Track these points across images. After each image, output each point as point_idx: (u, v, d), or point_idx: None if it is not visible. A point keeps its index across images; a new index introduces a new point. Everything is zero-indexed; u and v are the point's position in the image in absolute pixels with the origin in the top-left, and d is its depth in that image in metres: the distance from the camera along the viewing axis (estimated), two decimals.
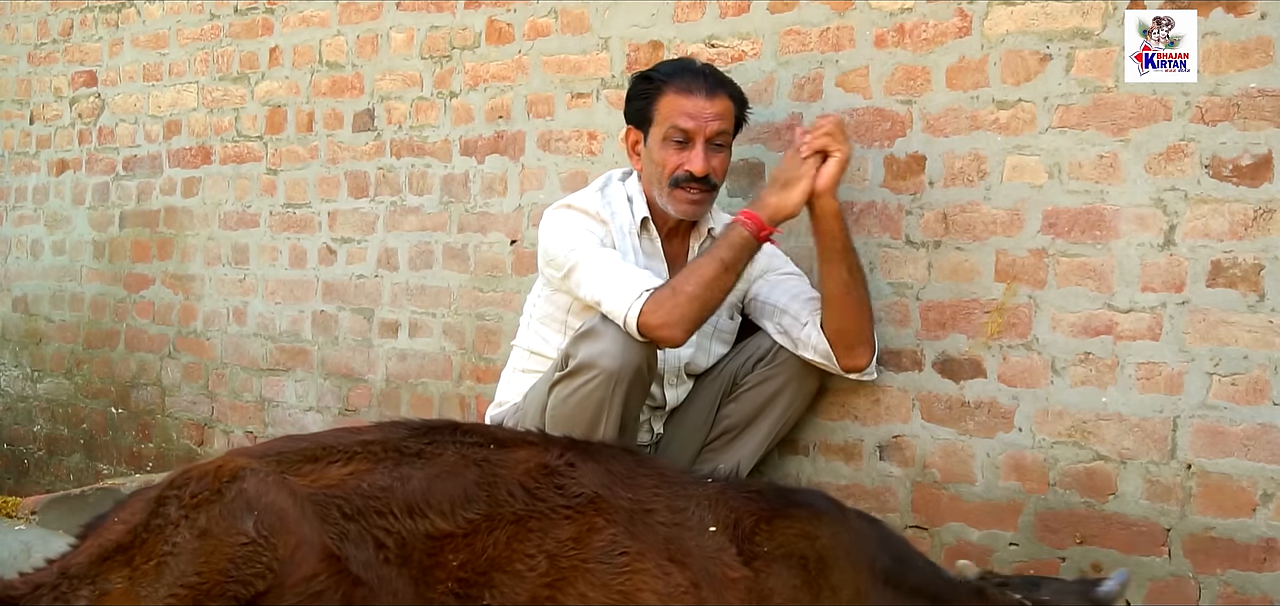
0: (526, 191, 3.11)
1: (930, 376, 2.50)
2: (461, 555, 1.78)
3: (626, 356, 2.28)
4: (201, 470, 1.77)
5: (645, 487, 1.93)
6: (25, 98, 4.53)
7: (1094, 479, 2.32)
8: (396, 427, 1.99)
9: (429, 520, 1.79)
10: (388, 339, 3.42)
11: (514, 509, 1.84)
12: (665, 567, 1.82)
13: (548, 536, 1.82)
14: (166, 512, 1.71)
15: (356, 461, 1.85)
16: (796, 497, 2.07)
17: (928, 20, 2.48)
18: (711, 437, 2.61)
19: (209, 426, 3.92)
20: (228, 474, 1.74)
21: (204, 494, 1.71)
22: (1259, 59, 2.14)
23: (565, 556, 1.80)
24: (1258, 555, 2.17)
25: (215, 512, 1.68)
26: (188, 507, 1.70)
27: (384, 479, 1.82)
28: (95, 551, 1.71)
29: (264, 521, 1.68)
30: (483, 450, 1.92)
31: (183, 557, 1.65)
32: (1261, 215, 2.14)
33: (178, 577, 1.64)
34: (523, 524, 1.82)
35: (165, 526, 1.69)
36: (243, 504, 1.69)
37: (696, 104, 2.44)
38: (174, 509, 1.71)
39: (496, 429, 2.20)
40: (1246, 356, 2.17)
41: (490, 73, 3.18)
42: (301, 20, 3.60)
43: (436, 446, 1.91)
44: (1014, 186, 2.39)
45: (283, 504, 1.71)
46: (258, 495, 1.70)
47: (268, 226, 3.71)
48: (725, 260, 2.29)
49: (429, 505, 1.81)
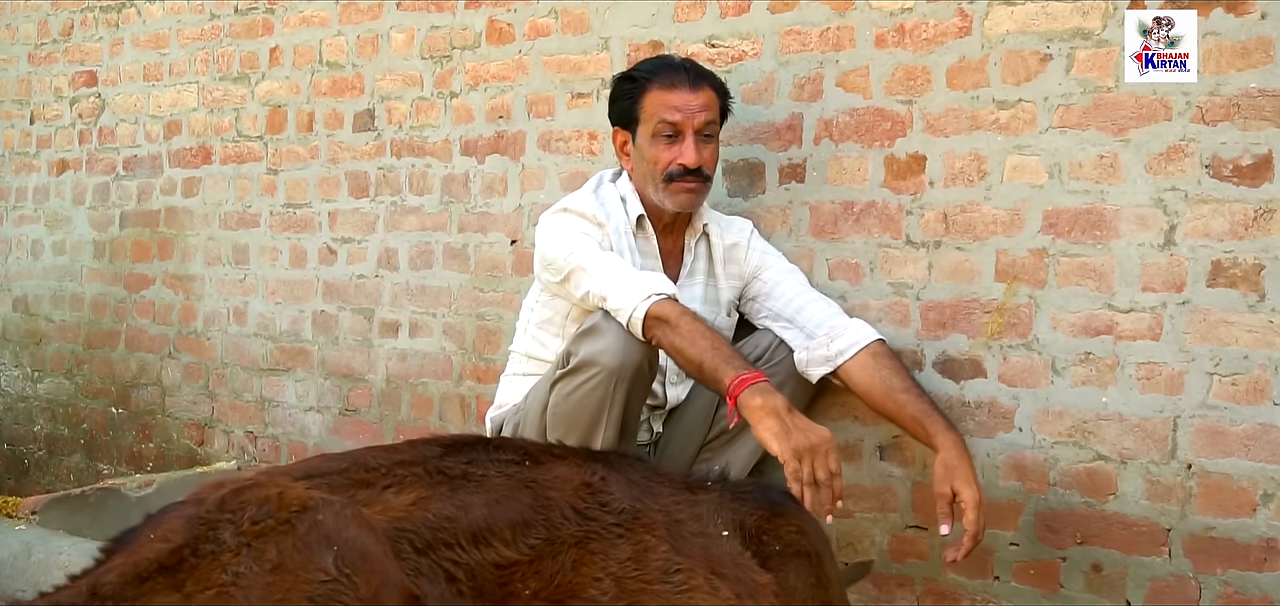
0: (527, 191, 3.12)
1: (930, 376, 2.50)
2: (531, 584, 1.70)
3: (628, 354, 2.28)
4: (260, 495, 1.61)
5: (666, 496, 1.91)
6: (25, 98, 4.53)
7: (1094, 479, 2.32)
8: (428, 446, 1.89)
9: (494, 549, 1.70)
10: (388, 339, 3.42)
11: (571, 531, 1.77)
12: (712, 582, 1.79)
13: (609, 558, 1.76)
14: (220, 537, 1.56)
15: (412, 488, 1.74)
16: (776, 495, 2.06)
17: (928, 20, 2.48)
18: (710, 437, 2.61)
19: (209, 426, 3.92)
20: (295, 503, 1.59)
21: (269, 523, 1.56)
22: (1259, 59, 2.14)
23: (629, 578, 1.75)
24: (1258, 555, 2.17)
25: (288, 546, 1.54)
26: (249, 536, 1.55)
27: (447, 508, 1.72)
28: (130, 571, 1.55)
29: (345, 558, 1.54)
30: (524, 469, 1.85)
31: (252, 592, 1.50)
32: (1262, 215, 2.14)
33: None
34: (584, 547, 1.76)
35: (221, 553, 1.54)
36: (320, 537, 1.55)
37: (682, 97, 2.45)
38: (229, 534, 1.56)
39: (524, 442, 2.12)
40: (1247, 356, 2.17)
41: (490, 73, 3.18)
42: (302, 20, 3.61)
43: (476, 466, 1.83)
44: (1014, 186, 2.39)
45: (364, 540, 1.57)
46: (337, 529, 1.56)
47: (268, 226, 3.72)
48: (706, 361, 2.19)
49: (493, 533, 1.71)
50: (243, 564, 1.52)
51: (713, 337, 2.22)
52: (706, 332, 2.23)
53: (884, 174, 2.55)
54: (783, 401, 2.10)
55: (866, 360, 2.40)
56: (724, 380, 2.14)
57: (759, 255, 2.62)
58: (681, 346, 2.22)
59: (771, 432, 2.05)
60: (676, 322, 2.24)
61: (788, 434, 2.04)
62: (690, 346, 2.21)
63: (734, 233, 2.63)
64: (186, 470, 3.83)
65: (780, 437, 2.04)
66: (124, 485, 3.55)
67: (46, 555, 2.88)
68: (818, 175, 2.64)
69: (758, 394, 2.10)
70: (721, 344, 2.22)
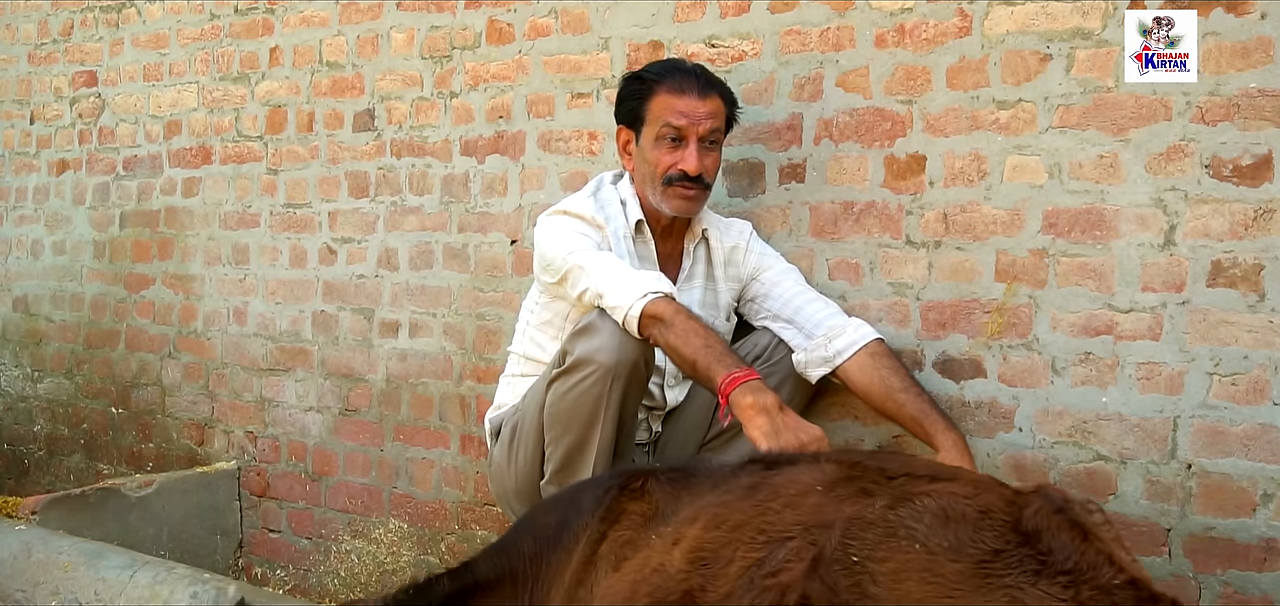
0: (527, 191, 3.12)
1: (930, 376, 2.50)
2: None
3: (623, 352, 2.28)
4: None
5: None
6: (25, 98, 4.53)
7: (1094, 479, 2.32)
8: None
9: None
10: (388, 339, 3.42)
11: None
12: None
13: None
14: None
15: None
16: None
17: (928, 20, 2.48)
18: (709, 437, 2.61)
19: (209, 426, 3.92)
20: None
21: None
22: (1259, 59, 2.14)
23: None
24: (1258, 555, 2.17)
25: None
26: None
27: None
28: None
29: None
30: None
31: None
32: (1262, 215, 2.14)
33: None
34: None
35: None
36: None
37: (689, 103, 2.45)
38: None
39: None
40: (1247, 356, 2.17)
41: (490, 73, 3.18)
42: (302, 20, 3.61)
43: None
44: (1014, 186, 2.39)
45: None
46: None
47: (268, 226, 3.72)
48: (699, 360, 2.19)
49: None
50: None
51: (708, 336, 2.22)
52: (702, 331, 2.23)
53: (884, 174, 2.55)
54: (774, 399, 2.10)
55: (865, 360, 2.40)
56: (716, 378, 2.15)
57: (757, 256, 2.62)
58: (676, 344, 2.22)
59: (761, 431, 2.05)
60: (672, 321, 2.23)
61: (777, 433, 2.04)
62: (685, 344, 2.21)
63: (733, 235, 2.63)
64: (186, 470, 3.83)
65: (769, 437, 2.04)
66: (124, 485, 3.55)
67: (46, 555, 2.87)
68: (818, 175, 2.64)
69: (749, 392, 2.10)
70: (716, 342, 2.22)
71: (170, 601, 2.58)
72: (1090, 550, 1.41)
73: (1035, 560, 1.39)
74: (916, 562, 1.41)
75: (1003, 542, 1.42)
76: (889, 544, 1.45)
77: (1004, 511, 1.46)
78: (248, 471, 3.79)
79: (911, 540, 1.44)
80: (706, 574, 1.58)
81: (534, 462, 2.48)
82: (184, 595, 2.55)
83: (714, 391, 2.18)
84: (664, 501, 1.81)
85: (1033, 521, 1.43)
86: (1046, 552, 1.40)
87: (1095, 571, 1.39)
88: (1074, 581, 1.37)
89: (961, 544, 1.42)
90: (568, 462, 2.37)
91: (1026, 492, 1.51)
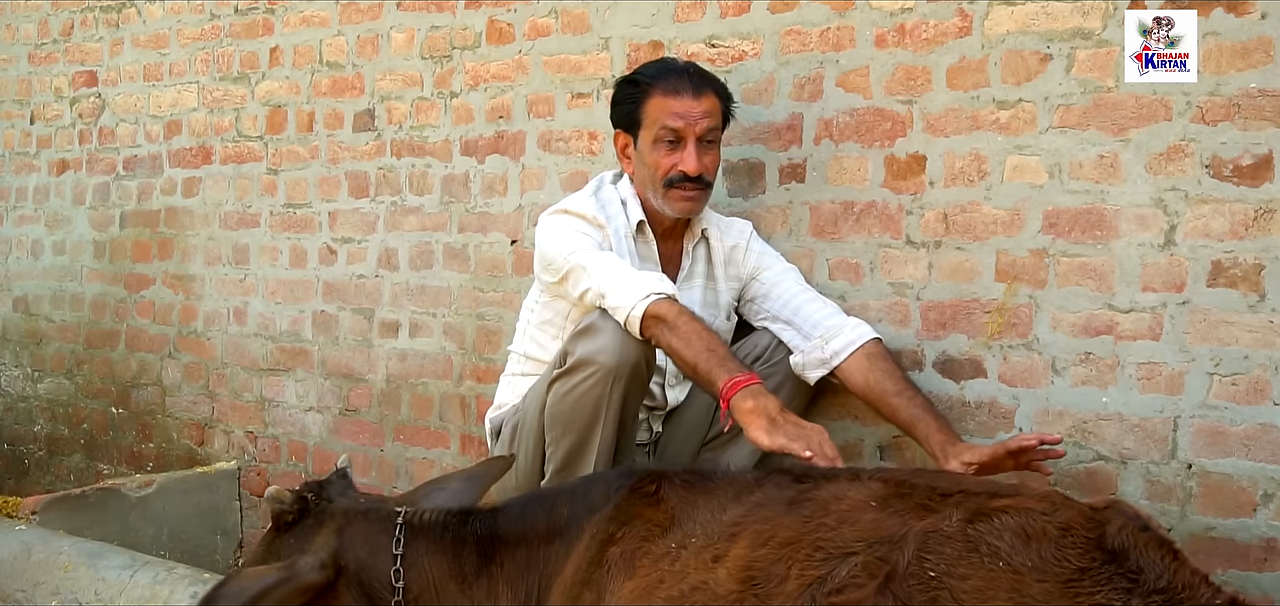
0: (527, 191, 3.11)
1: (931, 376, 2.50)
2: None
3: (624, 353, 2.28)
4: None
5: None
6: (25, 98, 4.53)
7: (1094, 479, 2.32)
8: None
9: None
10: (388, 339, 3.42)
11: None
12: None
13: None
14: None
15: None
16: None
17: (928, 20, 2.48)
18: (710, 437, 2.61)
19: (209, 426, 3.92)
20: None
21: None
22: (1259, 59, 2.14)
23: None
24: (1258, 555, 2.17)
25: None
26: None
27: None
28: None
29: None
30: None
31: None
32: (1262, 215, 2.14)
33: None
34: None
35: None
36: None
37: (684, 104, 2.44)
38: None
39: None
40: (1247, 356, 2.16)
41: (490, 73, 3.18)
42: (302, 20, 3.61)
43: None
44: (1014, 186, 2.39)
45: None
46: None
47: (268, 226, 3.72)
48: (701, 363, 2.18)
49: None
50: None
51: (710, 338, 2.22)
52: (703, 333, 2.23)
53: (884, 174, 2.55)
54: (775, 403, 2.10)
55: (861, 361, 2.40)
56: (718, 383, 2.14)
57: (757, 256, 2.62)
58: (678, 347, 2.22)
59: (763, 431, 2.06)
60: (674, 322, 2.23)
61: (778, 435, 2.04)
62: (686, 347, 2.21)
63: (733, 235, 2.63)
64: (186, 470, 3.84)
65: (768, 433, 2.04)
66: (124, 485, 3.55)
67: (46, 555, 2.88)
68: (818, 175, 2.64)
69: (750, 396, 2.10)
70: (718, 345, 2.22)
71: (170, 601, 2.58)
72: (1184, 569, 1.38)
73: (1125, 578, 1.36)
74: (1001, 581, 1.38)
75: (1088, 560, 1.38)
76: (970, 560, 1.41)
77: (1085, 528, 1.42)
78: (248, 471, 3.79)
79: (994, 557, 1.40)
80: (760, 593, 1.54)
81: (535, 463, 2.47)
82: (184, 595, 2.55)
83: (715, 395, 2.17)
84: (680, 509, 1.77)
85: (1118, 539, 1.39)
86: (1136, 571, 1.36)
87: (1193, 591, 1.35)
88: (1169, 601, 1.33)
89: (1046, 562, 1.38)
90: (568, 463, 2.37)
91: (1102, 508, 1.47)
